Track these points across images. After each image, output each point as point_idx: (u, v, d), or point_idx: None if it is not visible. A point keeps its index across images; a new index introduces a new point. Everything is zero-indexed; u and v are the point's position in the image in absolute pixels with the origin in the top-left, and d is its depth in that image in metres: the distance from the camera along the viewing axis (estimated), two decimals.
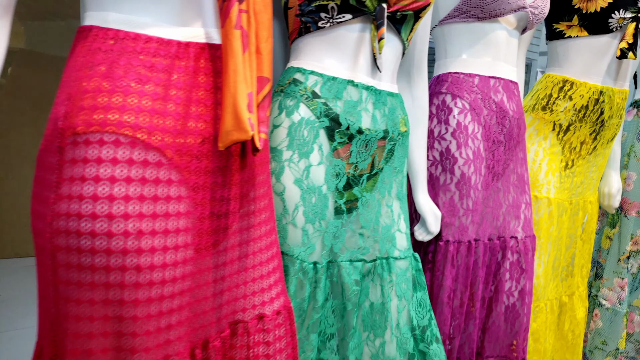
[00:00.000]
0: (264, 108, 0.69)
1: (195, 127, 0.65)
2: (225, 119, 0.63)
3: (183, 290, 0.67)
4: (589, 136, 1.56)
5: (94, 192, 0.58)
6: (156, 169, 0.62)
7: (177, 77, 0.64)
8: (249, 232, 0.79)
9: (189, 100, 0.65)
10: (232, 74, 0.63)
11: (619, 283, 1.81)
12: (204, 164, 0.67)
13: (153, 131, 0.61)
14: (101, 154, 0.58)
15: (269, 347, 0.81)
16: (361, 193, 1.04)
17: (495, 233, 1.36)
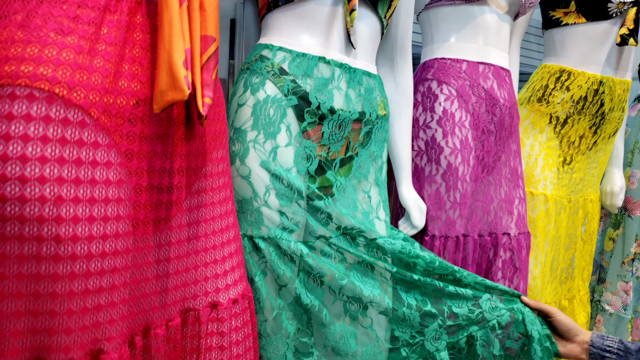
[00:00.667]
0: (209, 70, 0.63)
1: (127, 87, 0.60)
2: (160, 77, 0.58)
3: (115, 268, 0.60)
4: (589, 130, 1.48)
5: (3, 152, 0.52)
6: (79, 129, 0.56)
7: (107, 32, 0.59)
8: (199, 211, 0.73)
9: (121, 58, 0.59)
10: (166, 28, 0.57)
11: (623, 287, 1.71)
12: (139, 128, 0.61)
13: (75, 87, 0.55)
14: (12, 109, 0.53)
15: (223, 337, 0.75)
16: (335, 177, 0.98)
17: (486, 229, 1.28)
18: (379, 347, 1.01)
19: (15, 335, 0.55)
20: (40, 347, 0.56)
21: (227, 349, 0.75)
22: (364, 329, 0.99)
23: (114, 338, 0.61)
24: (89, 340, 0.59)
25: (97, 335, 0.59)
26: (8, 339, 0.54)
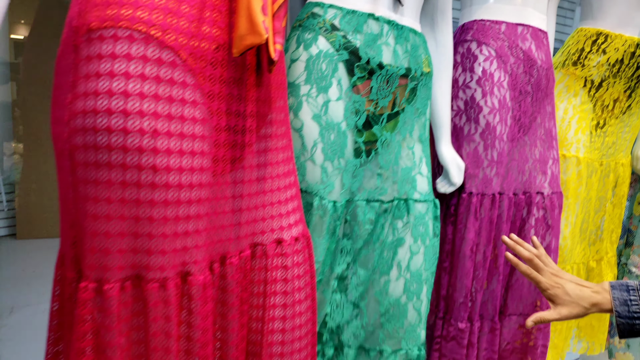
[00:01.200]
0: (279, 18, 0.68)
1: (209, 32, 0.65)
2: (239, 22, 0.63)
3: (200, 199, 0.67)
4: (623, 93, 1.50)
5: (108, 88, 0.58)
6: (171, 68, 0.62)
7: None
8: (266, 155, 0.79)
9: (203, 4, 0.65)
10: None
11: None
12: (219, 72, 0.67)
13: (167, 29, 0.61)
14: (115, 49, 0.59)
15: (287, 271, 0.81)
16: (381, 132, 1.03)
17: (520, 188, 1.33)
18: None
19: (120, 253, 0.62)
20: (140, 266, 0.63)
21: (290, 282, 0.81)
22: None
23: (199, 262, 0.68)
24: (179, 262, 0.66)
25: (185, 259, 0.66)
26: (115, 255, 0.62)
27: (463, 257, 1.27)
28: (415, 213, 1.08)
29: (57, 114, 0.64)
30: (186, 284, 0.67)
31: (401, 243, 1.07)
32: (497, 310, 1.35)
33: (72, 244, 0.64)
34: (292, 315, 0.82)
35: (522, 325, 1.39)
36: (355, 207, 1.03)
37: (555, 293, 0.90)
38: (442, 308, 1.32)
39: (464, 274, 1.27)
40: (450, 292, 1.31)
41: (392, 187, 1.06)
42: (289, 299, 0.81)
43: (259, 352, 0.80)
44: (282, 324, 0.80)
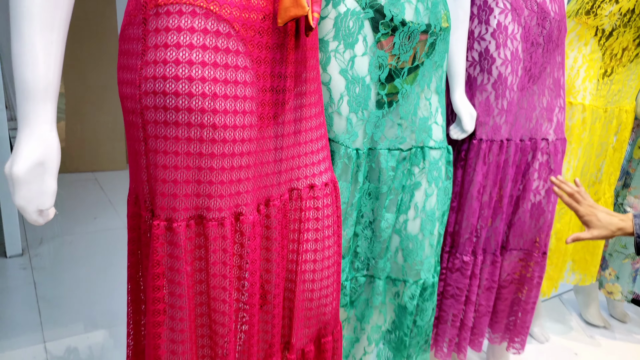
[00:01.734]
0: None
1: (257, 4, 0.73)
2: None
3: (250, 152, 0.78)
4: (632, 42, 1.56)
5: (176, 57, 0.67)
6: (226, 39, 0.70)
7: None
8: (302, 110, 0.89)
9: None
10: None
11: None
12: (265, 39, 0.75)
13: (223, 4, 0.69)
14: (181, 22, 0.67)
15: (318, 212, 0.93)
16: (402, 85, 1.11)
17: (527, 134, 1.42)
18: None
19: (186, 197, 0.74)
20: (202, 207, 0.75)
21: (320, 220, 0.94)
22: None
23: (249, 205, 0.80)
24: (234, 204, 0.77)
25: (238, 202, 0.78)
26: (181, 199, 0.73)
27: (470, 198, 1.40)
28: (430, 159, 1.18)
29: (127, 76, 0.73)
30: (239, 222, 0.79)
31: (418, 187, 1.18)
32: (500, 245, 1.50)
33: (144, 187, 0.76)
34: (322, 248, 0.95)
35: (522, 259, 1.54)
36: (379, 155, 1.14)
37: (590, 219, 1.18)
38: (448, 243, 1.46)
39: (471, 213, 1.40)
40: (457, 228, 1.45)
41: (411, 136, 1.16)
42: (320, 234, 0.94)
43: (294, 278, 0.94)
44: (313, 256, 0.94)
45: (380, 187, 1.17)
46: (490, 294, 1.53)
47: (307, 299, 0.96)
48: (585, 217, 1.18)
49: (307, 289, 0.95)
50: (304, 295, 0.95)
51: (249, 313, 0.84)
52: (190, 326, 0.79)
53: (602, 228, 1.17)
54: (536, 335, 1.98)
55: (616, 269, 1.96)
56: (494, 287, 1.52)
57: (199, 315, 0.81)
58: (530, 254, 1.53)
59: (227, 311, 0.79)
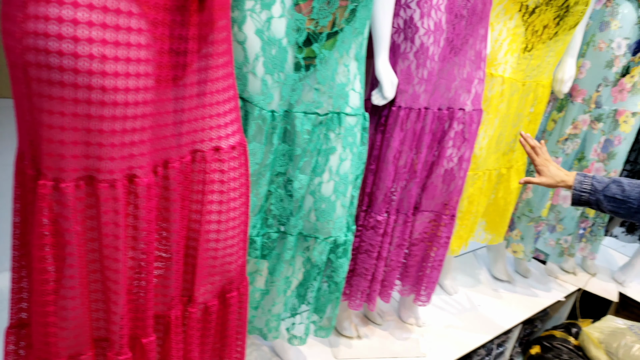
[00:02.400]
0: None
1: None
2: None
3: (145, 114, 0.77)
4: (552, 20, 1.61)
5: (58, 15, 0.65)
6: (117, 0, 0.68)
7: None
8: (207, 72, 0.88)
9: None
10: None
11: None
12: (163, 1, 0.73)
13: None
14: None
15: (223, 174, 0.95)
16: (320, 50, 1.12)
17: (445, 103, 1.47)
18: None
19: (74, 158, 0.73)
20: (92, 169, 0.75)
21: (226, 183, 0.96)
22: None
23: (143, 167, 0.80)
24: (126, 167, 0.78)
25: (131, 164, 0.78)
26: (69, 160, 0.73)
27: (387, 162, 1.45)
28: (346, 125, 1.21)
29: (8, 26, 0.69)
30: (132, 184, 0.79)
31: (333, 151, 1.21)
32: (412, 206, 1.57)
33: (30, 145, 0.74)
34: (227, 210, 0.97)
35: (432, 220, 1.63)
36: (294, 118, 1.15)
37: (542, 169, 1.40)
38: (365, 202, 1.53)
39: (386, 176, 1.46)
40: (373, 190, 1.51)
41: (328, 102, 1.17)
42: (225, 196, 0.96)
43: (197, 237, 0.96)
44: (218, 217, 0.96)
45: (294, 149, 1.19)
46: (401, 251, 1.62)
47: (210, 257, 0.99)
48: (539, 167, 1.41)
49: (211, 248, 0.98)
50: (207, 254, 0.98)
51: (144, 270, 0.86)
52: (82, 282, 0.81)
53: (549, 177, 1.39)
54: (446, 287, 2.13)
55: (522, 231, 2.12)
56: (404, 245, 1.62)
57: (91, 272, 0.82)
58: (440, 216, 1.62)
59: (119, 269, 0.81)
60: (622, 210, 1.26)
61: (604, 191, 1.29)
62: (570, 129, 1.94)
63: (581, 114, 1.94)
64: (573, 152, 1.99)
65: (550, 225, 2.11)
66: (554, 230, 2.12)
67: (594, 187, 1.31)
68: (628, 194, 1.25)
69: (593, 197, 1.31)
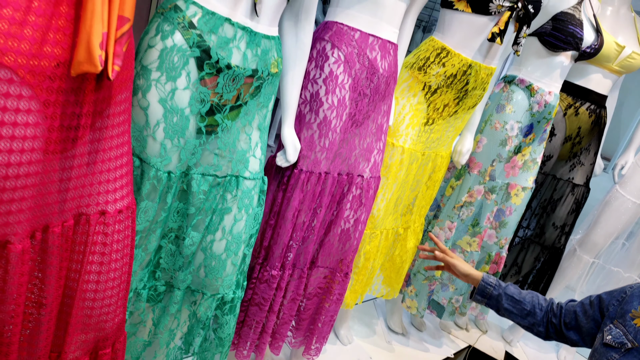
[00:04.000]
0: (121, 44, 0.79)
1: (51, 52, 0.74)
2: (79, 51, 0.73)
3: (26, 185, 0.79)
4: (453, 101, 1.78)
5: None
6: (7, 85, 0.71)
7: (38, 5, 0.72)
8: (100, 143, 0.91)
9: (48, 28, 0.73)
10: (89, 15, 0.72)
11: (449, 225, 2.16)
12: (57, 84, 0.77)
13: (7, 52, 0.70)
14: None
15: (106, 237, 0.98)
16: (222, 120, 1.18)
17: (345, 170, 1.58)
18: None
19: None
20: None
21: (108, 245, 0.99)
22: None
23: (19, 234, 0.82)
24: (1, 234, 0.79)
25: (6, 231, 0.80)
26: None
27: (285, 219, 1.52)
28: (244, 188, 1.28)
29: None
30: (5, 250, 0.81)
31: (228, 211, 1.27)
32: (309, 262, 1.66)
33: None
34: (107, 271, 1.00)
35: (326, 276, 1.72)
36: (191, 179, 1.20)
37: (453, 262, 1.49)
38: (262, 255, 1.59)
39: (284, 232, 1.54)
40: (271, 244, 1.58)
41: (227, 165, 1.24)
42: (106, 258, 0.99)
43: (73, 295, 0.98)
44: (97, 277, 0.99)
45: (189, 207, 1.23)
46: (294, 305, 1.69)
47: (85, 315, 1.01)
48: (452, 260, 1.51)
49: (87, 306, 1.00)
50: (82, 312, 1.00)
51: (11, 331, 0.88)
52: None
53: (461, 265, 1.49)
54: (341, 337, 2.22)
55: (416, 287, 2.26)
56: (298, 299, 1.69)
57: None
58: (334, 273, 1.71)
59: None
60: (516, 310, 1.38)
61: (505, 289, 1.40)
62: (466, 197, 2.12)
63: (477, 184, 2.12)
64: (468, 218, 2.16)
65: (444, 284, 2.27)
66: (447, 289, 2.28)
67: (498, 283, 1.42)
68: (523, 296, 1.38)
69: (496, 291, 1.41)
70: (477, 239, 2.22)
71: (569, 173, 2.48)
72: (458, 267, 1.48)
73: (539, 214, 2.57)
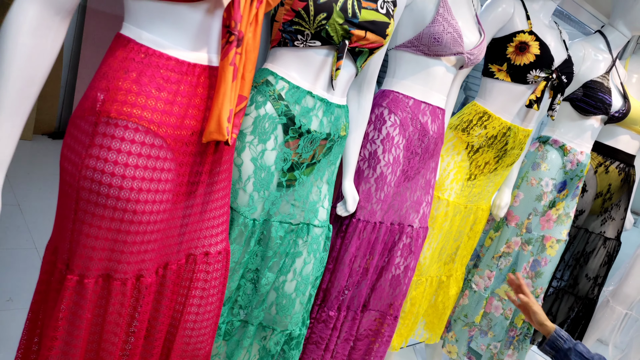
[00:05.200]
0: (239, 117, 0.99)
1: (189, 124, 0.95)
2: (211, 123, 0.93)
3: (159, 229, 0.98)
4: (493, 159, 1.94)
5: (115, 159, 0.87)
6: (159, 149, 0.91)
7: (183, 88, 0.92)
8: (210, 195, 1.11)
9: (189, 105, 0.94)
10: (221, 96, 0.92)
11: (488, 274, 2.27)
12: (190, 148, 0.97)
13: (162, 125, 0.90)
14: (125, 134, 0.87)
15: (208, 274, 1.15)
16: (300, 175, 1.37)
17: (397, 220, 1.74)
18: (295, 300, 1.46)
19: (100, 260, 0.92)
20: (110, 269, 0.94)
21: (208, 282, 1.16)
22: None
23: (149, 269, 1.00)
24: (137, 268, 0.97)
25: (142, 266, 0.98)
26: (95, 262, 0.92)
27: (343, 264, 1.68)
28: (313, 234, 1.45)
29: (70, 156, 0.91)
30: (139, 282, 0.99)
31: (299, 255, 1.44)
32: (361, 304, 1.79)
33: (68, 245, 0.94)
34: (205, 304, 1.17)
35: (377, 318, 1.85)
36: (271, 226, 1.38)
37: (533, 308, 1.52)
38: (320, 297, 1.74)
39: (341, 276, 1.69)
40: (329, 286, 1.72)
41: (300, 214, 1.42)
42: (205, 293, 1.16)
43: (177, 324, 1.14)
44: (197, 309, 1.15)
45: (267, 251, 1.41)
46: (347, 344, 1.82)
47: (184, 342, 1.17)
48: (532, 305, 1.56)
49: (187, 335, 1.16)
50: (182, 340, 1.16)
51: (133, 345, 1.04)
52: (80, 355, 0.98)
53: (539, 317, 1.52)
54: None
55: (457, 333, 2.36)
56: (350, 339, 1.82)
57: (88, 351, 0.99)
58: (384, 316, 1.84)
59: (114, 351, 0.99)
60: None
61: (576, 345, 1.43)
62: (504, 248, 2.24)
63: (514, 236, 2.25)
64: (505, 267, 2.28)
65: (483, 331, 2.35)
66: (485, 336, 2.36)
67: (569, 338, 1.46)
68: (592, 356, 1.42)
69: (566, 345, 1.44)
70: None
71: (600, 227, 2.58)
72: (538, 315, 1.52)
73: (572, 266, 2.66)
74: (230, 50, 0.91)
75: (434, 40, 1.52)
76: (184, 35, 0.92)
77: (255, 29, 0.97)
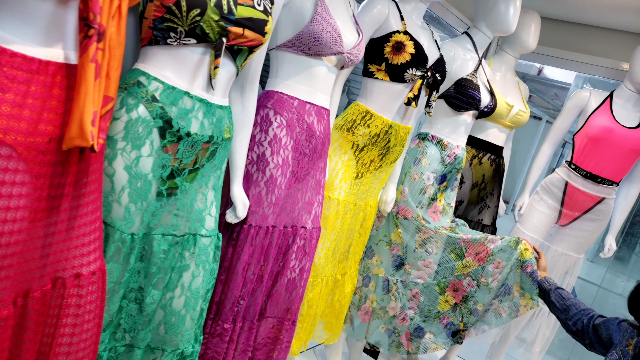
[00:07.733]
0: (105, 120, 0.89)
1: (45, 129, 0.83)
2: (71, 128, 0.82)
3: (14, 253, 0.85)
4: (377, 157, 2.00)
5: None
6: (7, 160, 0.78)
7: (35, 89, 0.81)
8: (77, 210, 0.98)
9: (43, 108, 0.82)
10: (82, 96, 0.82)
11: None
12: (48, 157, 0.85)
13: (8, 132, 0.77)
14: None
15: (80, 299, 1.02)
16: (182, 182, 1.28)
17: (289, 222, 1.71)
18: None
19: None
20: None
21: (82, 306, 1.03)
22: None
23: (5, 300, 0.86)
24: None
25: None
26: None
27: (236, 273, 1.61)
28: (201, 245, 1.36)
29: None
30: None
31: (186, 269, 1.34)
32: (258, 313, 1.74)
33: None
34: (80, 332, 1.04)
35: (275, 325, 1.80)
36: (152, 239, 1.27)
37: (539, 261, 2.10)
38: (213, 310, 1.65)
39: (235, 286, 1.61)
40: (222, 298, 1.64)
41: (185, 225, 1.32)
42: (79, 319, 1.03)
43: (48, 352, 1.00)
44: (70, 339, 1.02)
45: (150, 267, 1.29)
46: (245, 356, 1.75)
47: None
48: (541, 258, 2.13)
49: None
50: None
51: None
52: None
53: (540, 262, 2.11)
54: None
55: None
56: (248, 350, 1.75)
57: None
58: (282, 322, 1.80)
59: None
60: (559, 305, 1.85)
61: (556, 289, 1.91)
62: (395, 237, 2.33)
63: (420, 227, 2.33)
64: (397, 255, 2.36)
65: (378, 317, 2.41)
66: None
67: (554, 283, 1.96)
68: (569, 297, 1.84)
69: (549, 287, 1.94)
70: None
71: (478, 215, 2.79)
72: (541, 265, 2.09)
73: None
74: (90, 45, 0.81)
75: (314, 40, 1.52)
76: (32, 29, 0.80)
77: (119, 22, 0.88)
